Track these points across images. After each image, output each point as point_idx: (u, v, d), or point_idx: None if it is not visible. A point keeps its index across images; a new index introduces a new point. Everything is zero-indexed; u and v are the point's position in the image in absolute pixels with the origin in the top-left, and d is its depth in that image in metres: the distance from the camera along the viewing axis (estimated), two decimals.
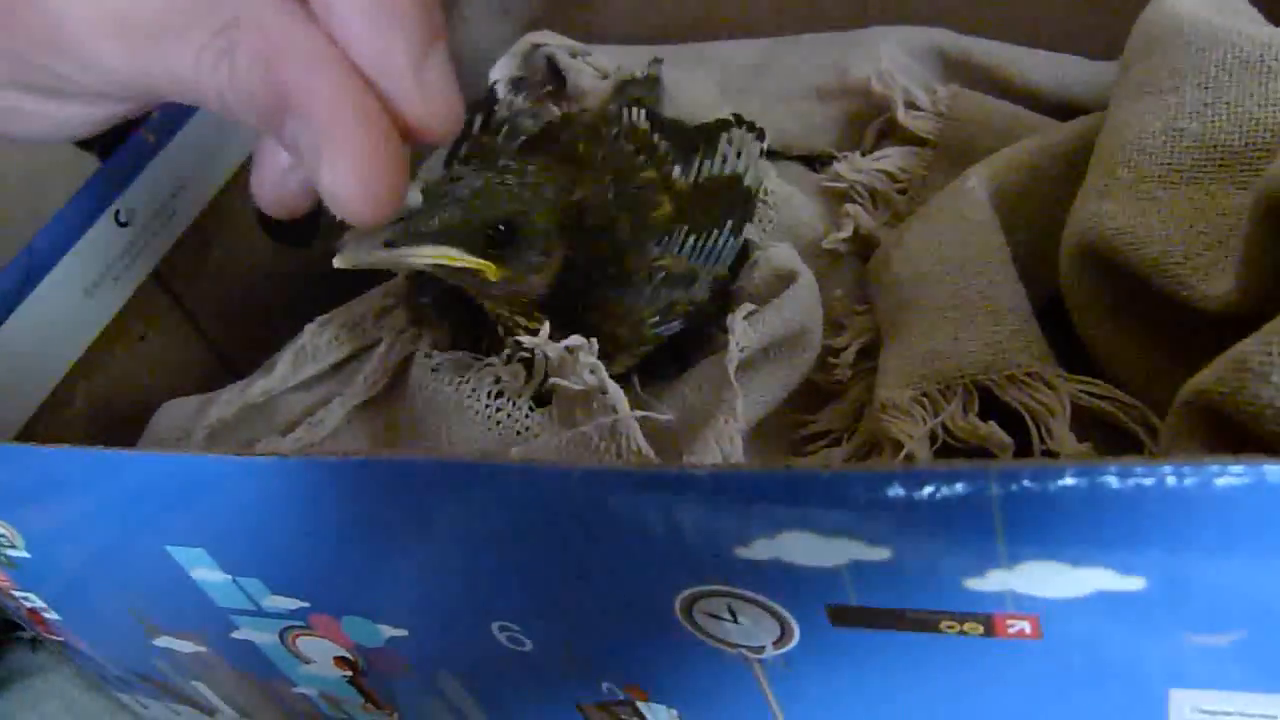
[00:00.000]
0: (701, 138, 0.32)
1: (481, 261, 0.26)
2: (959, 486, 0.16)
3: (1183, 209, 0.25)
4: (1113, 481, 0.15)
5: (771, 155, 0.34)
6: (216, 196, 0.39)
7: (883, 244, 0.31)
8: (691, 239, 0.29)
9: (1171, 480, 0.15)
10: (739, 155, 0.31)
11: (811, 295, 0.30)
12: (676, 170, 0.30)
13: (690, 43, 0.39)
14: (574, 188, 0.28)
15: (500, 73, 0.38)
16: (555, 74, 0.38)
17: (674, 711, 0.24)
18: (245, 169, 0.39)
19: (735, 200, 0.31)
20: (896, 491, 0.17)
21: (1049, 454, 0.25)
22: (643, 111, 0.32)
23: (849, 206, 0.32)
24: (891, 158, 0.33)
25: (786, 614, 0.20)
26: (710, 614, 0.20)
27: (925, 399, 0.26)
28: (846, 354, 0.30)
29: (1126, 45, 0.28)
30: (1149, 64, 0.27)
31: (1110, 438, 0.26)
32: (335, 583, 0.24)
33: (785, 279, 0.30)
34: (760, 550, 0.18)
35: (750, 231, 0.31)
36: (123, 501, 0.25)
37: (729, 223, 0.29)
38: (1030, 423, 0.25)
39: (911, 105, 0.33)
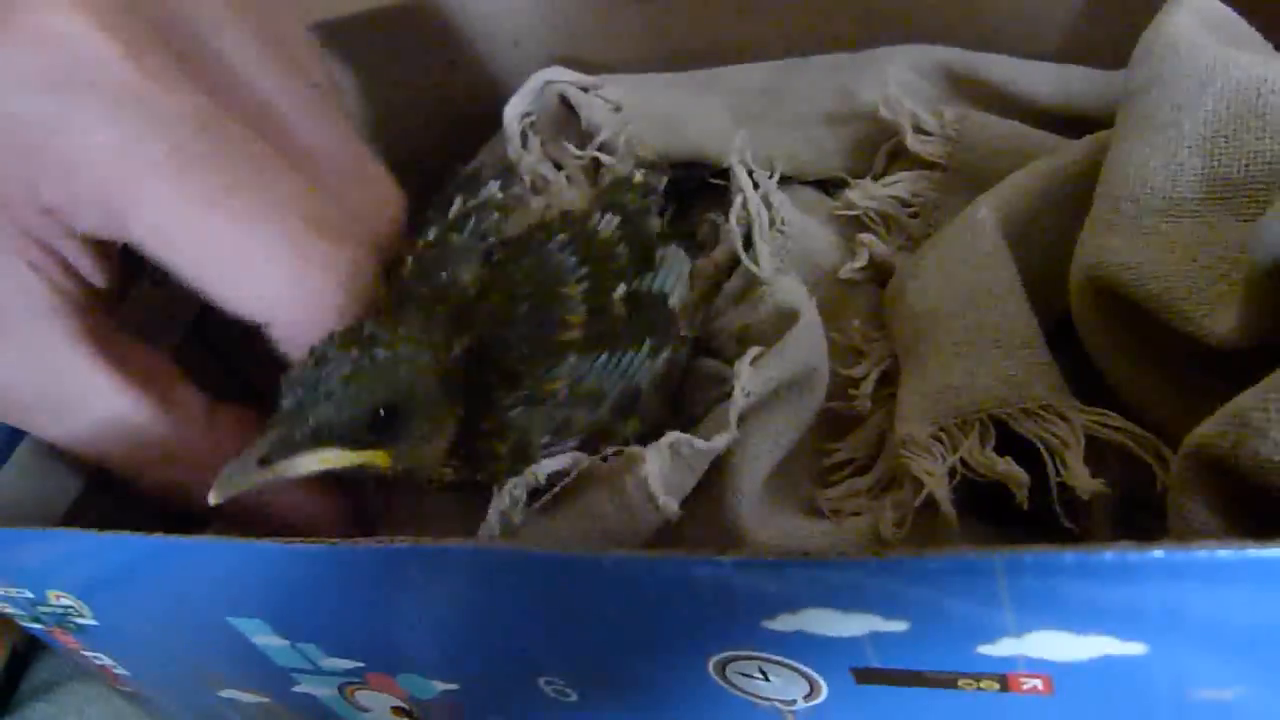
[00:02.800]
0: (668, 239, 0.32)
1: (368, 453, 0.25)
2: (968, 567, 0.17)
3: (1186, 243, 0.25)
4: (1108, 562, 0.16)
5: (784, 181, 0.35)
6: None
7: (897, 273, 0.31)
8: (604, 357, 0.28)
9: (1162, 560, 0.16)
10: (668, 273, 0.31)
11: (815, 334, 0.30)
12: (620, 289, 0.29)
13: (701, 68, 0.39)
14: (457, 336, 0.27)
15: (513, 110, 0.39)
16: (568, 110, 0.39)
17: None
18: None
19: (658, 322, 0.29)
20: (910, 571, 0.18)
21: (1065, 486, 0.25)
22: (617, 219, 0.31)
23: (863, 236, 0.33)
24: (903, 182, 0.33)
25: (814, 674, 0.21)
26: (743, 674, 0.21)
27: (944, 434, 0.27)
28: (866, 383, 0.31)
29: (1127, 75, 0.28)
30: (1149, 97, 0.27)
31: (1127, 467, 0.26)
32: (387, 646, 0.26)
33: (788, 317, 0.30)
34: (785, 623, 0.19)
35: (764, 262, 0.31)
36: (183, 580, 0.26)
37: (648, 343, 0.28)
38: (1046, 455, 0.26)
39: (919, 129, 0.34)
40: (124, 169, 0.24)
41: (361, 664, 0.27)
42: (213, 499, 0.24)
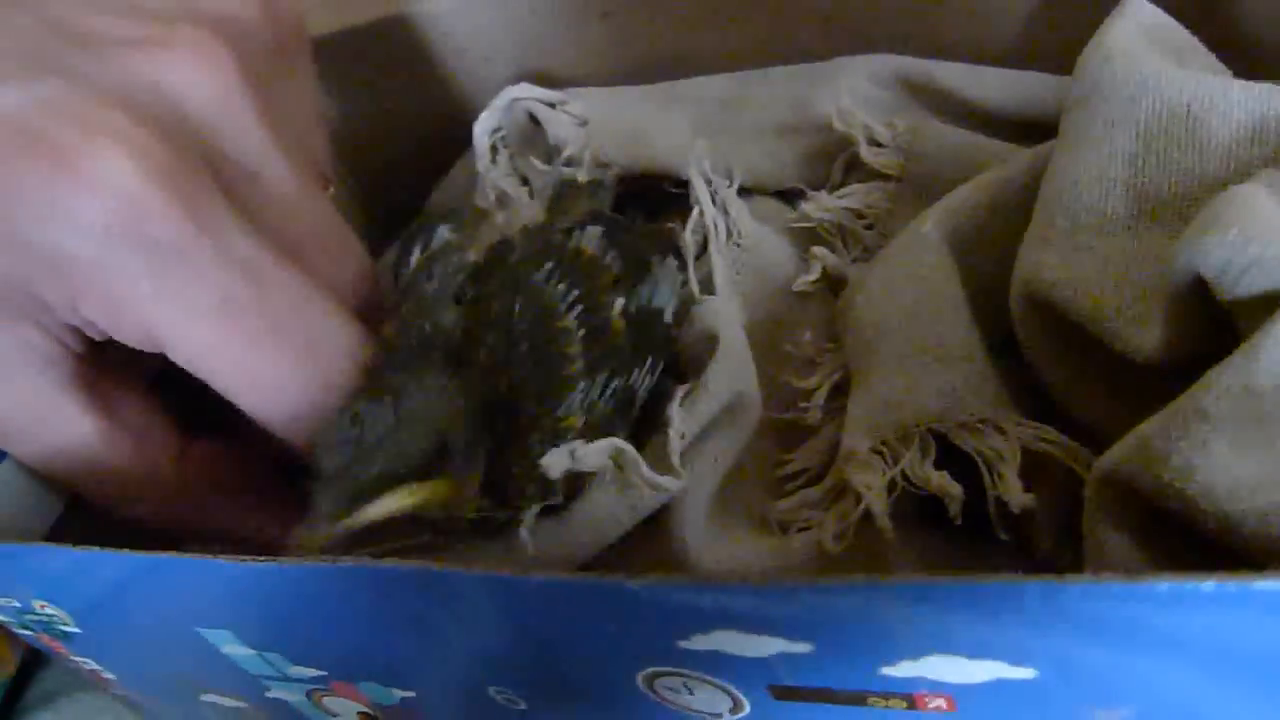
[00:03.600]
0: (654, 246, 0.32)
1: (433, 484, 0.25)
2: (864, 594, 0.18)
3: (1116, 259, 0.26)
4: (995, 592, 0.17)
5: (744, 193, 0.36)
6: None
7: (848, 286, 0.32)
8: (616, 382, 0.28)
9: (1040, 592, 0.17)
10: (664, 288, 0.31)
11: (738, 358, 0.30)
12: (618, 304, 0.29)
13: (666, 79, 0.40)
14: (471, 373, 0.28)
15: (483, 126, 0.39)
16: (536, 124, 0.39)
17: None
18: None
19: (655, 339, 0.30)
20: (807, 598, 0.19)
21: (1000, 501, 0.26)
22: (599, 229, 0.31)
23: (815, 249, 0.33)
24: (857, 194, 0.34)
25: (734, 690, 0.22)
26: (669, 689, 0.22)
27: (885, 447, 0.28)
28: (818, 394, 0.31)
29: (1070, 88, 0.29)
30: (1085, 111, 0.27)
31: (1066, 479, 0.27)
32: (347, 657, 0.27)
33: (713, 341, 0.30)
34: (699, 643, 0.20)
35: (719, 275, 0.32)
36: (155, 593, 0.27)
37: (648, 361, 0.29)
38: (983, 468, 0.27)
39: (873, 141, 0.34)
40: (170, 313, 0.25)
41: (325, 673, 0.28)
42: (304, 558, 0.24)
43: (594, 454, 0.27)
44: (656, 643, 0.21)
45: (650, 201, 0.39)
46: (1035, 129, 0.34)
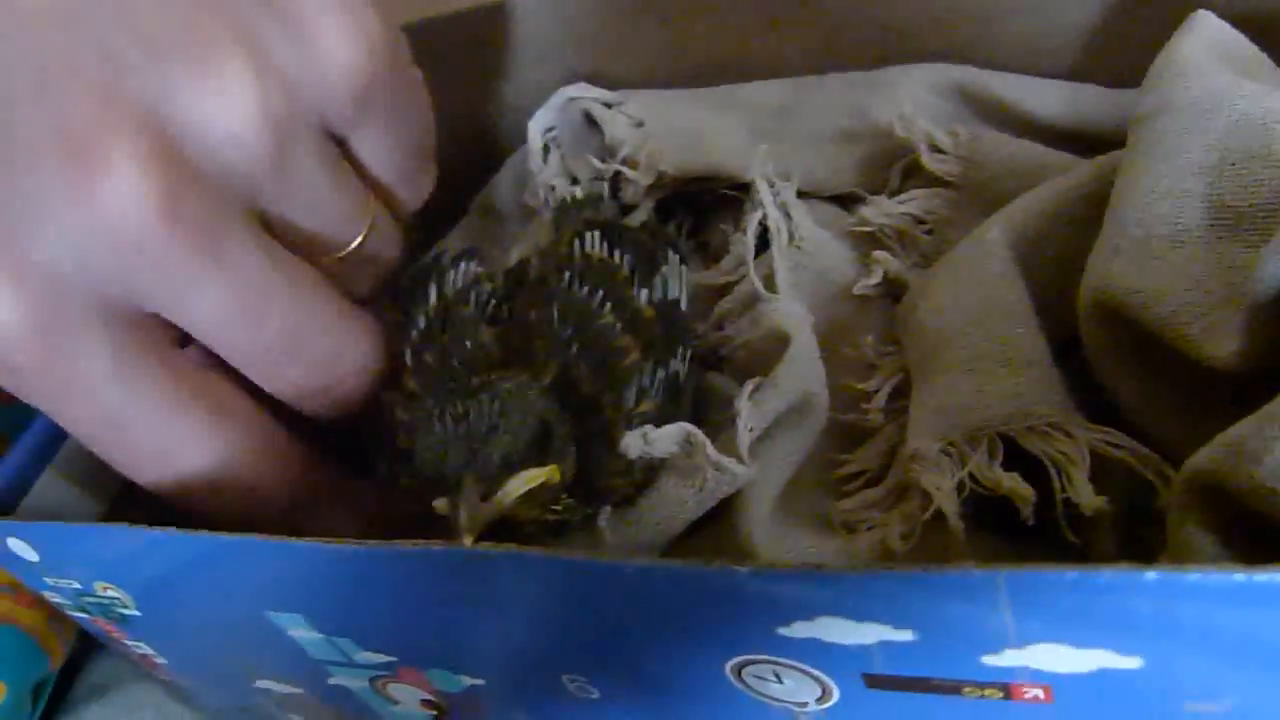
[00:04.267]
0: (655, 244, 0.33)
1: (548, 468, 0.26)
2: (972, 583, 0.18)
3: (1191, 269, 0.26)
4: (1105, 581, 0.17)
5: (800, 197, 0.36)
6: None
7: (910, 291, 0.32)
8: (660, 370, 0.29)
9: (1156, 581, 0.17)
10: (674, 281, 0.31)
11: (809, 359, 0.31)
12: (644, 295, 0.30)
13: (720, 85, 0.40)
14: (540, 372, 0.28)
15: (537, 125, 0.40)
16: (590, 126, 0.40)
17: None
18: None
19: (684, 328, 0.31)
20: (916, 585, 0.19)
21: (1069, 503, 0.26)
22: (597, 234, 0.32)
23: (877, 253, 0.34)
24: (917, 200, 0.34)
25: (826, 678, 0.22)
26: (757, 676, 0.23)
27: (953, 449, 0.28)
28: (878, 396, 0.32)
29: (1138, 99, 0.29)
30: (1158, 124, 0.28)
31: (1131, 483, 0.27)
32: (419, 643, 0.27)
33: (783, 340, 0.31)
34: (799, 630, 0.21)
35: (779, 278, 0.32)
36: (225, 576, 0.28)
37: (679, 349, 0.30)
38: (1052, 472, 0.27)
39: (934, 148, 0.35)
40: (179, 317, 0.27)
41: (393, 659, 0.28)
42: (468, 543, 0.24)
43: (665, 437, 0.28)
44: (755, 630, 0.21)
45: (699, 206, 0.39)
46: (1093, 143, 0.34)
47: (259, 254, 0.27)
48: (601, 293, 0.30)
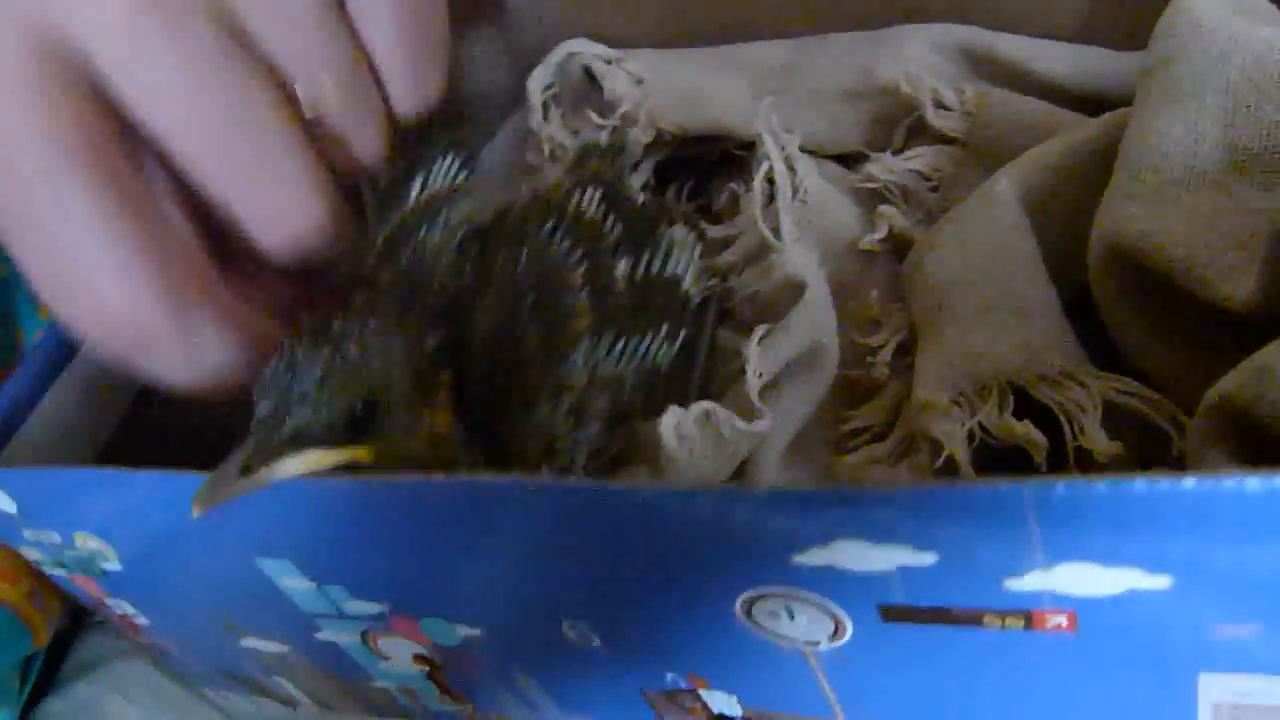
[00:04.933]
0: (652, 224, 0.32)
1: (349, 451, 0.24)
2: (998, 499, 0.18)
3: (1205, 211, 0.26)
4: (1140, 491, 0.17)
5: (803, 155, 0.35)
6: None
7: (916, 245, 0.32)
8: (621, 343, 0.28)
9: (1192, 490, 0.16)
10: (679, 256, 0.31)
11: (822, 308, 0.30)
12: (621, 265, 0.29)
13: (720, 45, 0.40)
14: (433, 329, 0.27)
15: (536, 82, 0.39)
16: (590, 82, 0.39)
17: (734, 697, 0.26)
18: None
19: (672, 306, 0.30)
20: (941, 503, 0.18)
21: (1081, 451, 0.26)
22: (599, 192, 0.31)
23: (883, 208, 0.33)
24: (922, 157, 0.34)
25: (840, 612, 0.21)
26: (769, 612, 0.22)
27: (963, 399, 0.28)
28: (884, 351, 0.31)
29: (1148, 49, 0.29)
30: (1171, 71, 0.27)
31: (1142, 432, 0.27)
32: (413, 589, 0.26)
33: (796, 289, 0.30)
34: (815, 557, 0.20)
35: (784, 231, 0.32)
36: (212, 520, 0.27)
37: (664, 327, 0.29)
38: (1064, 421, 0.27)
39: (940, 105, 0.34)
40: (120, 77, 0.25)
41: (386, 608, 0.27)
42: (196, 513, 0.23)
43: (690, 419, 0.27)
44: (769, 560, 0.20)
45: (701, 166, 0.39)
46: (1099, 104, 0.34)
47: (212, 41, 0.25)
48: (580, 252, 0.29)
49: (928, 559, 0.19)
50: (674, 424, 0.26)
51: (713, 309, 0.32)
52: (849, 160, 0.37)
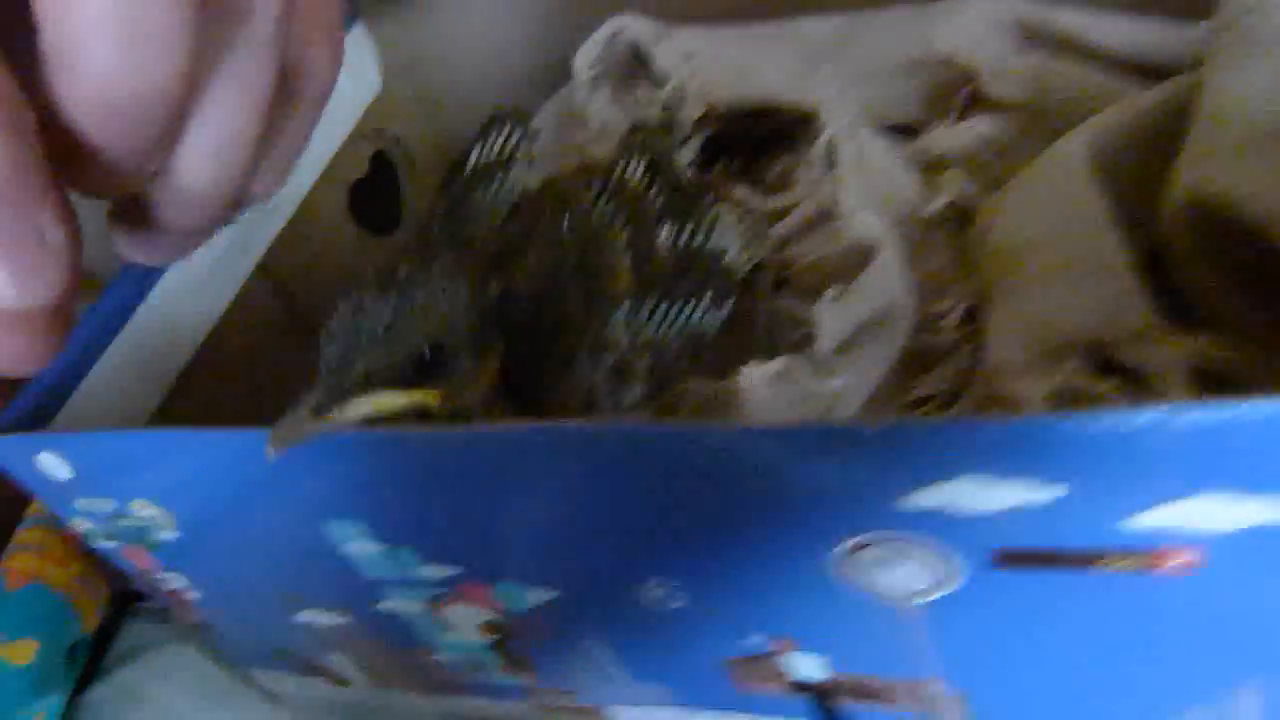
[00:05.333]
0: (697, 196, 0.32)
1: (418, 393, 0.24)
2: (1136, 424, 0.17)
3: None
4: None
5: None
6: (309, 194, 0.40)
7: (982, 210, 0.32)
8: (664, 306, 0.28)
9: None
10: (724, 228, 0.31)
11: (894, 270, 0.30)
12: (663, 232, 0.30)
13: (770, 20, 0.39)
14: (495, 277, 0.27)
15: (583, 59, 0.39)
16: (637, 60, 0.39)
17: (824, 659, 0.25)
18: (332, 168, 0.40)
19: (715, 276, 0.30)
20: (1069, 432, 0.18)
21: None
22: (642, 163, 0.31)
23: (947, 174, 0.33)
24: (982, 125, 0.34)
25: (950, 559, 0.21)
26: (872, 562, 0.21)
27: (1041, 360, 0.27)
28: (950, 318, 0.31)
29: (1219, 7, 0.29)
30: (1247, 24, 0.27)
31: (1223, 392, 0.26)
32: (488, 550, 0.26)
33: (866, 252, 0.30)
34: (929, 498, 0.19)
35: (847, 197, 0.31)
36: (280, 480, 0.26)
37: (708, 294, 0.29)
38: (1147, 380, 0.26)
39: (999, 74, 0.34)
40: None
41: (458, 571, 0.26)
42: (270, 454, 0.23)
43: (767, 375, 0.27)
44: (881, 500, 0.20)
45: (749, 142, 0.39)
46: (1156, 74, 0.34)
47: None
48: (623, 217, 0.30)
49: (1049, 494, 0.19)
50: (752, 378, 0.26)
51: (766, 278, 0.32)
52: (902, 134, 0.36)
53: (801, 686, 0.26)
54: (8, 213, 0.16)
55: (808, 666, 0.25)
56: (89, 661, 0.38)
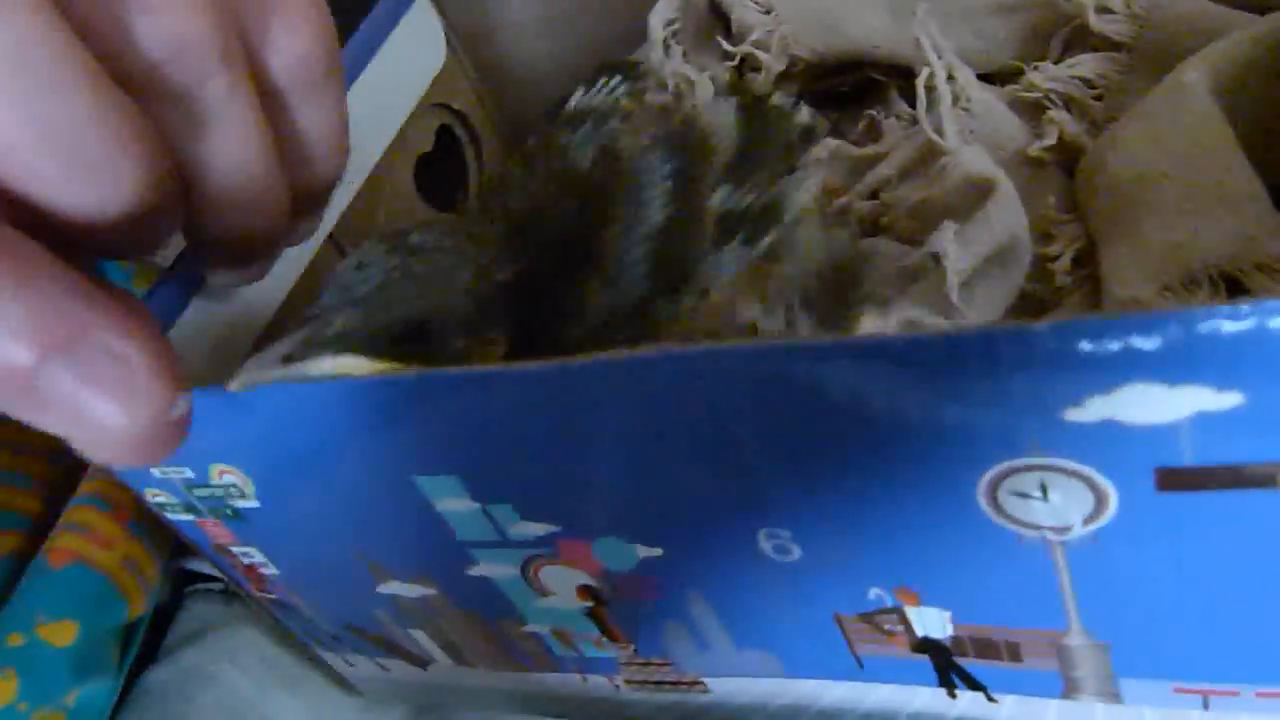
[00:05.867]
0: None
1: (389, 365, 0.23)
2: None
3: None
4: None
5: None
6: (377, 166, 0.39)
7: (1095, 146, 0.30)
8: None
9: None
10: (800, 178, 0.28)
11: (1014, 202, 0.29)
12: (719, 194, 0.27)
13: None
14: (513, 257, 0.25)
15: (658, 17, 0.38)
16: (714, 16, 0.38)
17: (947, 614, 0.23)
18: (396, 146, 0.39)
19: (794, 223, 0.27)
20: (1260, 325, 0.16)
21: None
22: (732, 104, 0.29)
23: (1053, 113, 0.32)
24: (1087, 64, 0.32)
25: (1107, 484, 0.19)
26: (1018, 493, 0.20)
27: (1170, 292, 0.26)
28: (1062, 260, 0.29)
29: None
30: None
31: None
32: (593, 501, 0.24)
33: (981, 188, 0.29)
34: (1094, 411, 0.18)
35: (952, 135, 0.30)
36: (369, 433, 0.25)
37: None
38: None
39: (1103, 9, 0.32)
40: None
41: (557, 529, 0.25)
42: (232, 387, 0.22)
43: (889, 326, 0.25)
44: (1035, 419, 0.18)
45: (835, 99, 0.37)
46: (1264, 4, 0.32)
47: None
48: (670, 166, 0.27)
49: (1231, 400, 0.17)
50: (872, 327, 0.24)
51: (852, 222, 0.31)
52: (1000, 78, 0.35)
53: (924, 645, 0.24)
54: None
55: (930, 622, 0.24)
56: (148, 644, 0.37)
